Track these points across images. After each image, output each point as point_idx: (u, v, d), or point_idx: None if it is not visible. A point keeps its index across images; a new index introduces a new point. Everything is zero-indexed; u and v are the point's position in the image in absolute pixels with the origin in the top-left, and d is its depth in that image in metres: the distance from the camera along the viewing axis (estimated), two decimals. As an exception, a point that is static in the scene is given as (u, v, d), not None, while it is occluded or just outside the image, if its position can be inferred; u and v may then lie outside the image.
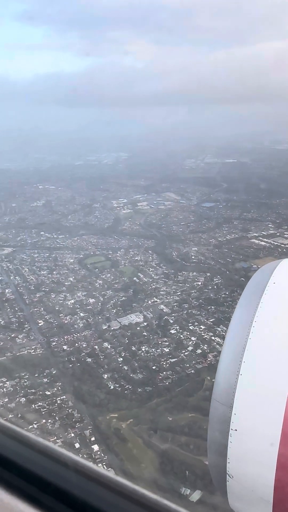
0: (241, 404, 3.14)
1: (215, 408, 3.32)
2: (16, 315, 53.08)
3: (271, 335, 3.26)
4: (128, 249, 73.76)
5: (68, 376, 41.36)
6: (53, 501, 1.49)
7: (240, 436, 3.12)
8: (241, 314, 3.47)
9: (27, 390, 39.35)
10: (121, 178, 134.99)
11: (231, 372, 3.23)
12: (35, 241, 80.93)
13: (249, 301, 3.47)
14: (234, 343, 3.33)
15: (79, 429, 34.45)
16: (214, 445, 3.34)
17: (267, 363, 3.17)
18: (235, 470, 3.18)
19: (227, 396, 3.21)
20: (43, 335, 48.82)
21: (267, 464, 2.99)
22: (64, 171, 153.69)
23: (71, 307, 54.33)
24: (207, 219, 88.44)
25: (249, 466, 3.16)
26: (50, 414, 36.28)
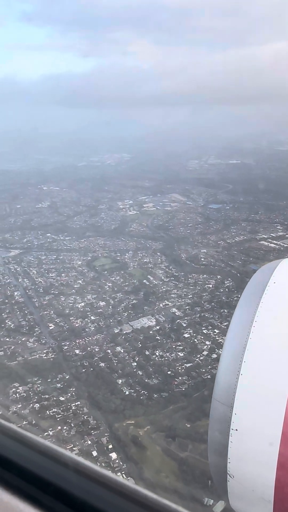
0: (241, 404, 3.13)
1: (215, 408, 3.32)
2: (26, 318, 52.37)
3: (271, 335, 3.26)
4: (136, 251, 73.04)
5: (81, 381, 40.64)
6: (52, 500, 1.49)
7: (241, 436, 3.11)
8: (242, 314, 3.48)
9: (40, 396, 38.65)
10: (125, 179, 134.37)
11: (231, 372, 3.23)
12: (42, 243, 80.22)
13: (249, 301, 3.47)
14: (235, 343, 3.33)
15: (95, 436, 33.74)
16: (215, 445, 3.34)
17: (267, 363, 3.17)
18: (236, 470, 3.17)
19: (228, 396, 3.20)
20: (54, 339, 48.11)
21: (267, 464, 2.98)
22: (67, 172, 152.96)
23: (81, 310, 53.62)
24: (215, 221, 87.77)
25: (249, 466, 3.14)
26: (65, 420, 35.56)
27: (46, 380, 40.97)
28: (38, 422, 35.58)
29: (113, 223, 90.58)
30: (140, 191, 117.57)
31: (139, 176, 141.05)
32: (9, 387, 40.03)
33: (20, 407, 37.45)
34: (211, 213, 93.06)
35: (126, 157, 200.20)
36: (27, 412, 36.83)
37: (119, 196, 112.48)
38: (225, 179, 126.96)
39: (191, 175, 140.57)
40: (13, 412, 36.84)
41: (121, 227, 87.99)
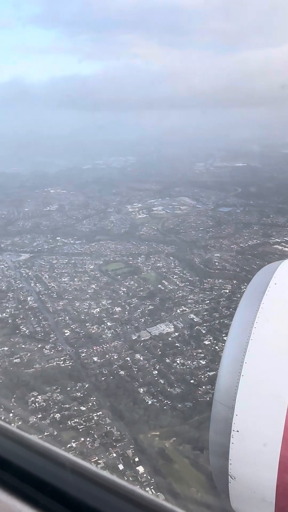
0: (242, 405, 3.10)
1: (216, 410, 3.29)
2: (41, 324, 51.38)
3: (272, 336, 3.23)
4: (148, 255, 72.04)
5: (102, 390, 39.59)
6: (50, 501, 1.51)
7: (242, 437, 3.08)
8: (242, 315, 3.44)
9: (60, 406, 37.60)
10: (132, 182, 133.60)
11: (232, 373, 3.19)
12: (52, 246, 79.31)
13: (250, 302, 3.44)
14: (236, 344, 3.29)
15: (120, 448, 32.65)
16: (216, 447, 3.33)
17: (268, 364, 3.14)
18: (237, 471, 3.14)
19: (229, 397, 3.16)
20: (70, 345, 47.10)
21: (268, 465, 2.96)
22: (73, 175, 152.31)
23: (97, 316, 52.60)
24: (226, 224, 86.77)
25: (250, 467, 3.12)
26: (87, 432, 34.50)
27: (65, 388, 39.94)
28: (59, 433, 34.50)
29: (123, 227, 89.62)
30: (148, 194, 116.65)
31: (146, 179, 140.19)
32: (27, 396, 39.01)
33: (40, 417, 36.44)
34: (221, 217, 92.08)
35: (131, 160, 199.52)
36: (48, 423, 35.81)
37: (127, 199, 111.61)
38: (233, 182, 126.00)
39: (198, 178, 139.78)
40: (33, 423, 35.80)
41: (131, 230, 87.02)
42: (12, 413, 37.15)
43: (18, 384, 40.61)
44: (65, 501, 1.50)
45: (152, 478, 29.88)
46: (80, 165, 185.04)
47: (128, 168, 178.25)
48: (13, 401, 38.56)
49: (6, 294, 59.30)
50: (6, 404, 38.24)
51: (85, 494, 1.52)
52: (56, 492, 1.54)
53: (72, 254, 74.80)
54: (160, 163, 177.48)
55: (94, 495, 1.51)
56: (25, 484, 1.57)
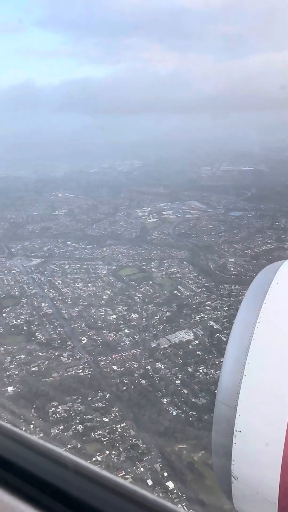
0: (245, 405, 3.09)
1: (219, 410, 3.28)
2: (57, 331, 50.38)
3: (274, 336, 3.21)
4: (161, 260, 71.05)
5: (124, 401, 38.51)
6: (52, 501, 1.52)
7: (245, 438, 3.08)
8: (245, 315, 3.41)
9: (82, 417, 36.57)
10: (139, 186, 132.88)
11: (235, 373, 3.17)
12: (63, 251, 78.38)
13: (252, 302, 3.42)
14: (238, 345, 3.27)
15: (148, 462, 31.55)
16: (219, 447, 3.32)
17: (271, 364, 3.11)
18: (240, 471, 3.13)
19: (231, 398, 3.15)
20: (88, 353, 46.09)
21: (271, 465, 2.95)
22: (79, 179, 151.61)
23: (114, 323, 51.58)
24: (238, 229, 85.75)
25: (253, 468, 3.11)
26: (112, 444, 33.44)
27: (86, 398, 38.91)
28: (83, 446, 33.45)
29: (134, 231, 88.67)
30: (157, 198, 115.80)
31: (153, 182, 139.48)
32: (47, 406, 37.99)
33: (62, 428, 35.38)
34: (233, 221, 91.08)
35: (137, 163, 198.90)
36: (71, 435, 34.76)
37: (136, 203, 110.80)
38: (242, 186, 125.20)
39: (206, 182, 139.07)
40: (55, 435, 34.74)
41: (142, 235, 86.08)
42: (32, 425, 36.13)
43: (37, 394, 39.60)
44: (67, 501, 1.49)
45: (183, 495, 28.76)
46: (86, 168, 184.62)
47: (134, 171, 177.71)
48: (33, 411, 37.54)
49: (20, 300, 58.36)
50: (26, 415, 37.23)
51: (87, 494, 1.51)
52: (58, 492, 1.53)
53: (84, 259, 73.85)
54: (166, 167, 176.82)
55: (96, 495, 1.51)
56: (27, 484, 1.56)
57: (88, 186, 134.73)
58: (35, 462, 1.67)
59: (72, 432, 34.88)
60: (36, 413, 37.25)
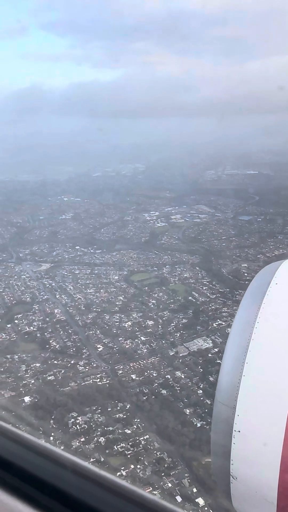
0: (244, 405, 3.10)
1: (218, 410, 3.29)
2: (71, 339, 49.31)
3: (273, 336, 3.19)
4: (173, 265, 70.08)
5: (145, 411, 37.39)
6: (51, 501, 1.53)
7: (244, 438, 3.09)
8: (244, 315, 3.42)
9: (104, 428, 35.42)
10: (145, 190, 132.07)
11: (234, 374, 3.18)
12: (72, 256, 77.39)
13: (251, 302, 3.42)
14: (237, 344, 3.27)
15: (175, 477, 30.42)
16: (218, 447, 3.34)
17: (269, 364, 3.12)
18: (239, 471, 3.14)
19: (230, 398, 3.16)
20: (105, 361, 44.99)
21: (270, 465, 2.96)
22: (83, 182, 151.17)
23: (129, 330, 50.52)
24: (249, 233, 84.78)
25: (252, 468, 3.12)
26: (137, 458, 32.30)
27: (105, 409, 37.77)
28: (107, 460, 32.29)
29: (143, 236, 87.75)
30: (164, 202, 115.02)
31: (158, 186, 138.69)
32: (67, 417, 36.86)
33: (83, 441, 34.25)
34: (243, 225, 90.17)
35: (141, 167, 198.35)
36: (93, 448, 33.62)
37: (143, 207, 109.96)
38: (248, 190, 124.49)
39: (212, 186, 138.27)
40: (77, 448, 33.60)
41: (151, 239, 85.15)
42: (52, 437, 35.00)
43: (55, 404, 38.49)
44: (65, 501, 1.50)
45: (215, 512, 27.63)
46: (90, 172, 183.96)
47: (138, 175, 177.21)
48: (52, 423, 36.42)
49: (32, 306, 57.31)
50: (45, 426, 36.10)
51: (86, 494, 1.51)
52: (57, 492, 1.53)
53: (94, 264, 72.81)
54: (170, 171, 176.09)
55: (95, 495, 1.50)
56: (26, 484, 1.57)
57: (93, 190, 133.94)
58: (33, 461, 1.65)
59: (94, 445, 33.76)
60: (55, 425, 36.13)
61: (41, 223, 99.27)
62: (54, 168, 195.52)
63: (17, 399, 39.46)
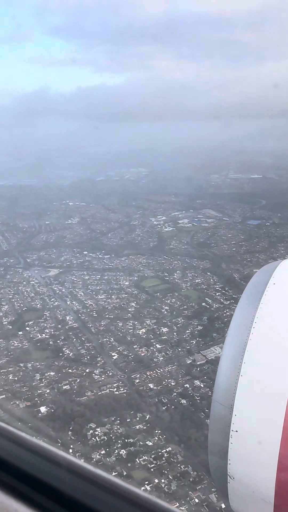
0: (241, 405, 3.10)
1: (215, 409, 3.29)
2: (85, 346, 48.35)
3: (271, 336, 3.20)
4: (184, 271, 69.14)
5: (166, 422, 36.38)
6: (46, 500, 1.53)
7: (241, 437, 3.09)
8: (241, 315, 3.42)
9: (124, 440, 34.39)
10: (149, 194, 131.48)
11: (231, 373, 3.18)
12: (81, 261, 76.45)
13: (249, 302, 3.42)
14: (235, 344, 3.27)
15: (202, 492, 29.38)
16: (215, 447, 3.33)
17: (267, 364, 3.13)
18: (236, 471, 3.14)
19: (228, 397, 3.15)
20: (121, 370, 44.01)
21: (267, 465, 2.96)
22: (87, 187, 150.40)
23: (144, 337, 49.57)
24: (258, 238, 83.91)
25: (249, 467, 3.12)
26: (160, 471, 31.27)
27: (124, 420, 36.75)
28: (129, 473, 31.26)
29: (151, 240, 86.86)
30: (170, 206, 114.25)
31: (163, 190, 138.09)
32: (85, 429, 35.82)
33: (104, 453, 33.20)
34: (252, 230, 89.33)
35: (144, 171, 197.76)
36: (114, 461, 32.59)
37: (150, 211, 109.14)
38: (254, 194, 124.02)
39: (217, 190, 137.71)
40: (97, 461, 32.55)
41: (160, 244, 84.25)
42: (71, 449, 33.95)
43: (73, 415, 37.44)
44: (61, 500, 1.49)
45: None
46: (93, 176, 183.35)
47: (142, 179, 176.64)
48: (70, 434, 35.38)
49: (43, 313, 56.34)
50: (63, 438, 35.06)
51: (82, 493, 1.50)
52: (52, 491, 1.51)
53: (103, 269, 71.86)
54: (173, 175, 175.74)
55: (91, 494, 1.49)
56: (22, 483, 1.56)
57: (97, 195, 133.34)
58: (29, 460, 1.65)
59: (115, 458, 32.73)
60: (73, 436, 35.11)
61: (47, 228, 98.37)
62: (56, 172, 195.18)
63: (33, 409, 38.46)
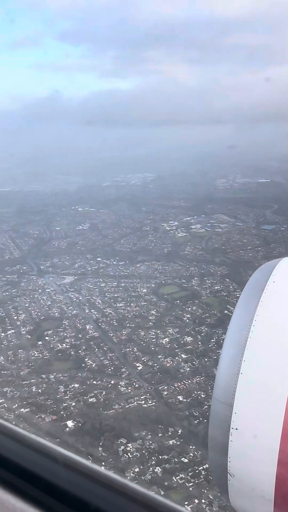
0: (241, 403, 3.10)
1: (215, 407, 3.30)
2: (107, 357, 47.02)
3: (271, 334, 3.21)
4: (202, 277, 67.84)
5: (199, 437, 34.86)
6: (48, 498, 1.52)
7: (241, 435, 3.10)
8: (241, 313, 3.43)
9: (158, 457, 32.98)
10: (158, 199, 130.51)
11: (231, 371, 3.19)
12: (95, 268, 75.22)
13: (249, 300, 3.43)
14: (234, 342, 3.29)
15: None
16: (215, 444, 3.33)
17: (267, 362, 3.13)
18: (236, 468, 3.16)
19: (228, 395, 3.17)
20: (147, 382, 42.61)
21: (267, 462, 2.97)
22: (94, 192, 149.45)
23: (167, 347, 48.23)
24: (274, 243, 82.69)
25: (249, 465, 3.13)
26: (200, 491, 29.81)
27: (156, 435, 35.36)
28: (167, 493, 29.82)
29: (165, 246, 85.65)
30: (181, 211, 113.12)
31: (171, 195, 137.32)
32: (115, 444, 34.44)
33: (138, 471, 31.80)
34: (267, 235, 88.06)
35: (150, 176, 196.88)
36: (149, 479, 31.16)
37: (160, 217, 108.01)
38: (264, 198, 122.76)
39: (226, 195, 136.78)
40: (132, 479, 31.10)
41: (174, 250, 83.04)
42: (103, 466, 32.50)
43: (101, 430, 36.06)
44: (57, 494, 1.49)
45: None
46: (99, 182, 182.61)
47: (149, 185, 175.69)
48: (101, 450, 33.99)
49: (61, 321, 55.05)
50: (94, 453, 33.66)
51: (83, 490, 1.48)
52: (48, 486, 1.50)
53: (119, 276, 70.61)
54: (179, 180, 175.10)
55: (93, 492, 1.48)
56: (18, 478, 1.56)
57: (106, 200, 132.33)
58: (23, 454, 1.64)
59: (151, 476, 31.30)
60: (104, 452, 33.70)
61: (58, 234, 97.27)
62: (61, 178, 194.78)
63: (59, 424, 37.14)
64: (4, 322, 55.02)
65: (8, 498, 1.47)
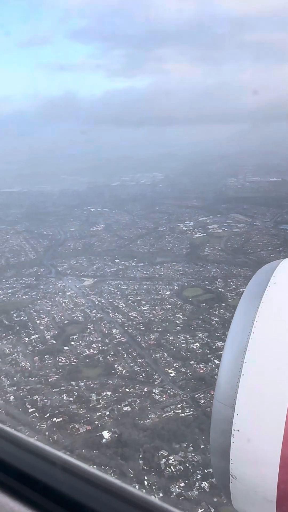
0: (243, 404, 3.08)
1: (217, 409, 3.27)
2: (137, 362, 45.53)
3: (272, 335, 3.17)
4: (225, 279, 66.22)
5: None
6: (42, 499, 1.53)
7: (243, 437, 3.07)
8: (242, 314, 3.39)
9: (202, 470, 31.40)
10: (170, 199, 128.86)
11: (233, 373, 3.16)
12: (114, 270, 73.74)
13: (250, 302, 3.39)
14: (236, 344, 3.25)
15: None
16: (217, 446, 3.31)
17: (268, 363, 3.10)
18: (238, 471, 3.12)
19: (229, 397, 3.14)
20: (182, 389, 41.08)
21: (269, 464, 2.94)
22: (104, 192, 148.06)
23: (199, 352, 46.68)
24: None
25: (251, 467, 3.10)
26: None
27: (198, 446, 33.78)
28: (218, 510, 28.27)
29: (183, 247, 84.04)
30: (195, 211, 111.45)
31: (183, 195, 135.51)
32: (157, 457, 32.92)
33: (183, 486, 30.25)
34: (287, 235, 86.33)
35: (159, 176, 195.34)
36: (196, 494, 29.63)
37: (176, 217, 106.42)
38: (278, 197, 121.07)
39: (239, 194, 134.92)
40: (178, 495, 29.64)
41: (193, 251, 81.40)
42: (146, 481, 31.04)
43: (140, 441, 34.56)
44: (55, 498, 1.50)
45: None
46: (108, 182, 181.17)
47: (159, 184, 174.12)
48: (142, 463, 32.49)
49: (86, 326, 53.60)
50: (135, 467, 32.17)
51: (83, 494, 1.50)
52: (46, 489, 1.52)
53: (140, 278, 69.11)
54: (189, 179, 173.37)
55: (92, 496, 1.49)
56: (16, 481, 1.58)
57: (117, 200, 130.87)
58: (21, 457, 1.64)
59: (197, 491, 29.76)
60: (145, 466, 32.20)
61: (73, 235, 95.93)
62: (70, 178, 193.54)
63: (95, 434, 35.67)
64: (27, 327, 53.65)
65: (7, 502, 1.47)
